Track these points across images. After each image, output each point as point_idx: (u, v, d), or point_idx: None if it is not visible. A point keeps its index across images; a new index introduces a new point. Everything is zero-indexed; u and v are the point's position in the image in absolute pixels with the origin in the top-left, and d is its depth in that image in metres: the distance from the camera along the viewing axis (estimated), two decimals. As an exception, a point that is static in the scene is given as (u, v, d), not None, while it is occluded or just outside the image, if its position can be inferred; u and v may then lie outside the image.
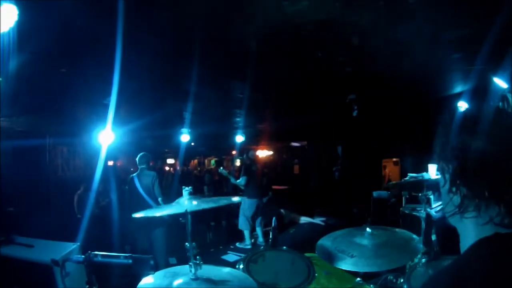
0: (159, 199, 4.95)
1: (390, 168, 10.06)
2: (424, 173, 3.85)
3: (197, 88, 4.71)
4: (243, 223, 6.61)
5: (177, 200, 1.79)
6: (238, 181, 6.87)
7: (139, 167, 5.16)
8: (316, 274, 2.10)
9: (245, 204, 6.55)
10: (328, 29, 2.97)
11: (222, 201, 1.77)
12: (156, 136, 9.01)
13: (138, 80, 4.15)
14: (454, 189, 0.76)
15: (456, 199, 0.77)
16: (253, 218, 6.73)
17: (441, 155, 0.79)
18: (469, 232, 0.76)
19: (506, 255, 0.68)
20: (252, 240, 6.68)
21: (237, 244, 6.67)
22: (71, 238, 3.16)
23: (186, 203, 1.71)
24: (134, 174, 5.11)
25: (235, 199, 3.87)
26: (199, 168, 15.46)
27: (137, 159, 5.21)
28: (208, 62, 3.70)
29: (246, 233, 6.62)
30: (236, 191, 9.02)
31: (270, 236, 2.51)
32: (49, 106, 5.26)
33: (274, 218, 3.39)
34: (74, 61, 3.48)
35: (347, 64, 3.96)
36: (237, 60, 3.83)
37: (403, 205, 4.74)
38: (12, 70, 2.95)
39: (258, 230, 6.76)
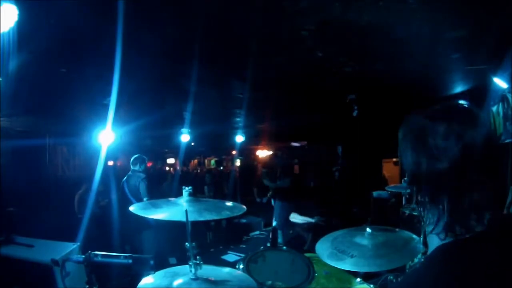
0: (145, 199, 4.95)
1: (390, 168, 10.05)
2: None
3: (197, 88, 4.71)
4: (282, 224, 6.41)
5: (175, 200, 1.78)
6: (280, 183, 6.67)
7: (131, 168, 5.19)
8: (316, 274, 2.10)
9: (285, 206, 6.35)
10: (327, 29, 2.97)
11: (225, 212, 1.76)
12: (156, 136, 9.01)
13: (138, 80, 4.15)
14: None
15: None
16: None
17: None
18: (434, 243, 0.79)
19: (461, 260, 0.69)
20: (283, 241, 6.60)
21: (268, 244, 6.57)
22: (71, 238, 3.16)
23: (184, 204, 1.70)
24: (125, 178, 5.15)
25: (231, 204, 3.79)
26: (198, 169, 15.45)
27: (131, 161, 5.24)
28: (208, 61, 3.70)
29: (281, 233, 6.51)
30: (236, 191, 9.03)
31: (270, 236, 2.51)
32: (49, 106, 5.26)
33: (274, 218, 3.39)
34: (74, 61, 3.48)
35: (347, 64, 3.96)
36: (238, 60, 3.83)
37: (403, 205, 4.74)
38: (12, 70, 2.95)
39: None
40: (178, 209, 1.66)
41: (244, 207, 1.87)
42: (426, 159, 0.75)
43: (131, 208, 1.69)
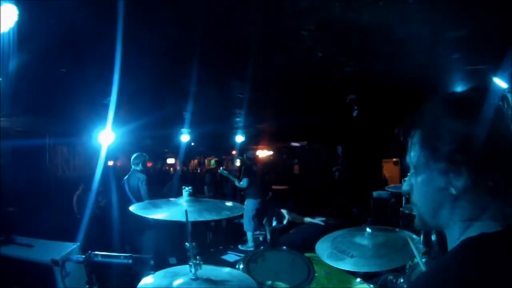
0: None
1: (390, 168, 10.05)
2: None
3: (197, 88, 4.71)
4: (247, 224, 6.54)
5: (175, 200, 1.78)
6: (240, 183, 6.84)
7: (132, 167, 5.17)
8: (316, 274, 2.10)
9: (248, 205, 6.50)
10: (327, 29, 2.97)
11: (225, 212, 1.76)
12: (156, 136, 9.01)
13: (138, 80, 4.15)
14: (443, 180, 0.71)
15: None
16: (257, 219, 6.69)
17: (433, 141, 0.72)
18: (454, 231, 0.73)
19: (490, 257, 0.64)
20: (253, 243, 6.62)
21: (239, 246, 6.63)
22: (71, 238, 3.16)
23: (184, 204, 1.71)
24: (126, 177, 5.12)
25: (231, 204, 3.82)
26: (199, 169, 15.45)
27: (131, 159, 5.22)
28: (208, 61, 3.70)
29: (249, 235, 6.56)
30: (236, 191, 9.04)
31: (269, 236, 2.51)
32: (49, 106, 5.26)
33: (274, 218, 3.39)
34: (74, 61, 3.48)
35: (347, 64, 3.96)
36: (238, 60, 3.83)
37: (403, 205, 4.74)
38: (12, 70, 2.95)
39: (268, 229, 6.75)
40: (178, 209, 1.66)
41: (244, 207, 1.87)
42: (477, 134, 0.66)
43: (131, 208, 1.70)
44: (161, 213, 1.66)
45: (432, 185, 0.74)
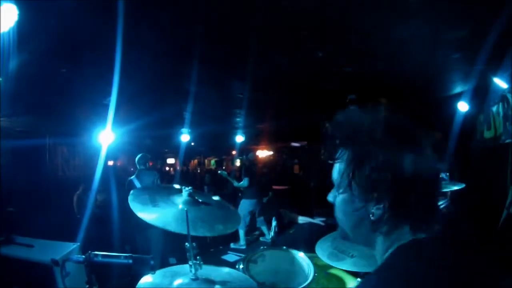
0: None
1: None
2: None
3: (197, 88, 4.71)
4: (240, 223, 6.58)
5: (175, 200, 1.78)
6: (240, 183, 6.88)
7: (138, 168, 5.19)
8: (316, 274, 2.09)
9: (243, 204, 6.55)
10: (328, 29, 2.97)
11: (218, 227, 1.76)
12: (156, 136, 9.01)
13: (138, 80, 4.15)
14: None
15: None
16: (251, 218, 6.73)
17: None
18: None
19: (420, 262, 0.69)
20: (245, 242, 6.65)
21: (231, 245, 6.66)
22: (71, 238, 3.15)
23: (181, 206, 1.70)
24: (133, 176, 5.13)
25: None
26: (199, 169, 15.46)
27: (136, 160, 5.25)
28: (208, 62, 3.70)
29: (241, 233, 6.61)
30: (235, 192, 9.05)
31: (272, 235, 2.51)
32: (49, 106, 5.27)
33: (274, 218, 3.38)
34: (74, 61, 3.48)
35: (347, 64, 3.96)
36: (238, 60, 3.83)
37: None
38: (12, 70, 2.95)
39: (264, 229, 6.78)
40: (176, 211, 1.66)
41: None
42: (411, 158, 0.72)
43: (130, 199, 1.70)
44: (156, 214, 1.67)
45: (353, 206, 0.79)
